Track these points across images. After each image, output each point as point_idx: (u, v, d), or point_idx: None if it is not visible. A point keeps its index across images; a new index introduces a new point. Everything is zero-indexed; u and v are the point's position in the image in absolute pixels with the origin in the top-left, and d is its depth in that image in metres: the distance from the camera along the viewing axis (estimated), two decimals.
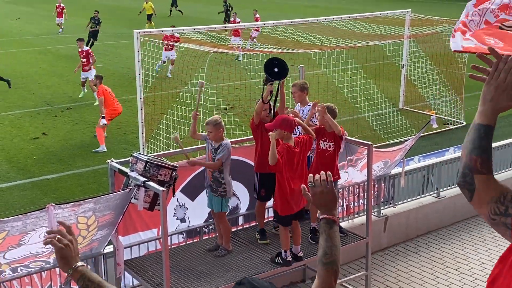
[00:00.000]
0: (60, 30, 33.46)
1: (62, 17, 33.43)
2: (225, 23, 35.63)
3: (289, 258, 6.32)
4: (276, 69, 6.34)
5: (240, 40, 24.01)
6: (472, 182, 2.21)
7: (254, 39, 24.13)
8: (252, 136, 7.10)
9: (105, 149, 14.08)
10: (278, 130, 6.07)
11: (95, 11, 28.34)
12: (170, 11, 40.89)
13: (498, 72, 2.23)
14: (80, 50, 18.71)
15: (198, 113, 6.57)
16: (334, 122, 6.67)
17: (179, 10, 40.78)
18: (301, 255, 6.45)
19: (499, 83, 2.23)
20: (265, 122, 6.47)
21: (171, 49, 20.42)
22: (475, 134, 2.24)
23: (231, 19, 27.47)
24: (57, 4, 33.69)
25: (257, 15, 28.14)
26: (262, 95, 6.54)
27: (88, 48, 19.64)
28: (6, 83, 19.10)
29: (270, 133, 6.01)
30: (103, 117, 14.18)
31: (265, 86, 6.52)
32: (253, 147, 7.08)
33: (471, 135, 2.25)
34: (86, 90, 19.07)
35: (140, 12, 34.04)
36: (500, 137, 10.77)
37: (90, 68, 18.54)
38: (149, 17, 33.03)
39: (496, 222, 2.18)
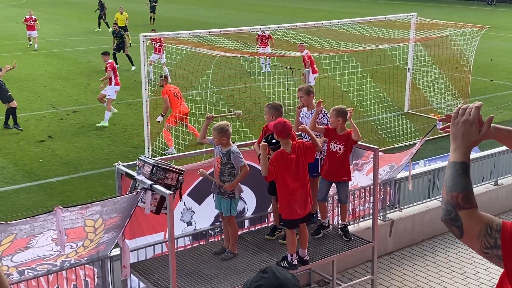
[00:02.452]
0: (31, 43, 29.50)
1: (35, 30, 29.28)
2: (99, 21, 35.54)
3: (295, 262, 6.32)
4: (274, 140, 6.32)
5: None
6: (457, 218, 2.25)
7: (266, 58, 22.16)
8: (257, 140, 7.14)
9: (174, 151, 13.53)
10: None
11: (114, 24, 26.22)
12: (150, 18, 38.65)
13: (462, 110, 2.39)
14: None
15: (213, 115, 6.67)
16: (356, 128, 6.73)
17: (154, 18, 38.64)
18: (307, 258, 6.45)
19: (466, 118, 2.37)
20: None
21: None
22: (451, 171, 2.31)
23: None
24: (27, 17, 29.34)
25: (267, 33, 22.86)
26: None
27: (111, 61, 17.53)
28: None
29: (261, 143, 6.09)
30: (161, 115, 14.02)
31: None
32: None
33: (449, 172, 2.32)
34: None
35: (115, 24, 29.18)
36: None
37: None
38: (124, 29, 28.33)
39: (490, 255, 2.23)
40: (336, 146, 6.81)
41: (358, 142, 7.31)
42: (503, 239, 2.19)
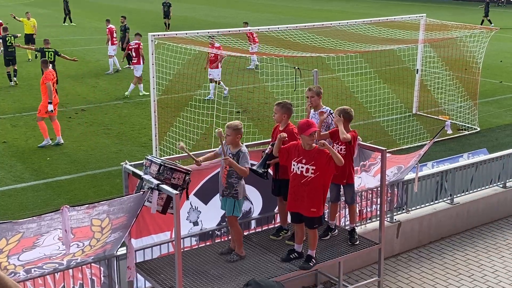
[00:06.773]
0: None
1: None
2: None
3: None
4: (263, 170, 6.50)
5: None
6: None
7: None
8: (265, 140, 7.14)
9: (50, 142, 14.52)
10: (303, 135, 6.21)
11: (122, 17, 25.68)
12: (165, 23, 37.40)
13: None
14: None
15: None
16: (343, 130, 6.72)
17: (168, 24, 37.35)
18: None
19: None
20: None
21: None
22: None
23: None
24: None
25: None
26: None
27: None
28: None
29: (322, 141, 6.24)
30: (49, 103, 14.38)
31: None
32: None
33: None
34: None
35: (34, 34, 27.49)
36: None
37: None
38: (30, 38, 26.97)
39: None
40: (338, 147, 6.82)
41: (366, 144, 7.31)
42: None
